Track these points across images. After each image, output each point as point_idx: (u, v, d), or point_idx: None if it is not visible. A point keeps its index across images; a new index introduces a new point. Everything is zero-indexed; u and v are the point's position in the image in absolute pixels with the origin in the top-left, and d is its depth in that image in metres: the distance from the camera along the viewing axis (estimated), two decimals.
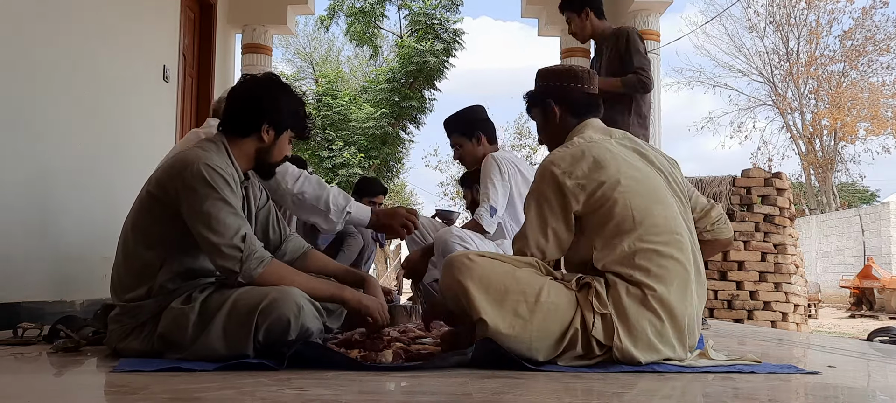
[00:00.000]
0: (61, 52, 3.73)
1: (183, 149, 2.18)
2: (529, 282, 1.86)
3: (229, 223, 1.91)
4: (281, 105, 2.10)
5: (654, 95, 6.65)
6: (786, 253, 6.44)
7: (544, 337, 1.82)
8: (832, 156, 23.51)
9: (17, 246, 3.34)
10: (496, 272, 1.86)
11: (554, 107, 2.16)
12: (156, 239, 1.99)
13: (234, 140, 2.09)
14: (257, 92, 2.12)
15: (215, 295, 1.94)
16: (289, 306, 1.84)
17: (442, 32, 15.30)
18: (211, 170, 1.93)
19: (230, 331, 1.85)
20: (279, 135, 2.11)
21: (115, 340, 2.00)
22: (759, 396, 1.58)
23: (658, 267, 1.85)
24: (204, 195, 1.91)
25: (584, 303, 1.84)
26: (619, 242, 1.88)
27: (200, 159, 1.95)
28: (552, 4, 7.15)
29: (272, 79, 2.17)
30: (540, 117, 2.22)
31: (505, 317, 1.81)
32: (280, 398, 1.41)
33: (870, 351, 2.90)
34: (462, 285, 1.83)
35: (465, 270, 1.85)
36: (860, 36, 22.85)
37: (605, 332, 1.82)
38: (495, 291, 1.83)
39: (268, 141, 2.10)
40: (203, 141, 2.11)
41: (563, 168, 1.96)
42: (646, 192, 1.95)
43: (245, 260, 1.90)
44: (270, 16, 7.01)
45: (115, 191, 4.13)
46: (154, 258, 1.98)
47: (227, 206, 1.92)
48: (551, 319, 1.82)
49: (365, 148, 14.61)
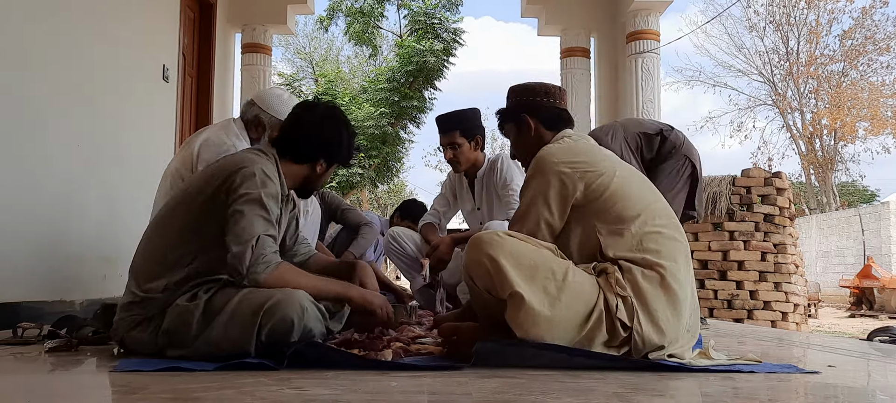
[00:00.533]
0: (61, 51, 3.73)
1: (237, 152, 2.26)
2: (556, 262, 1.88)
3: (255, 226, 1.94)
4: (342, 142, 2.21)
5: (654, 95, 6.68)
6: (786, 253, 6.44)
7: (570, 318, 1.82)
8: (832, 155, 23.52)
9: (17, 246, 3.34)
10: (526, 248, 1.88)
11: (528, 120, 2.21)
12: (196, 234, 2.01)
13: (287, 162, 2.17)
14: (321, 127, 2.20)
15: (220, 293, 1.95)
16: (293, 307, 1.85)
17: (442, 32, 15.29)
18: (264, 176, 2.01)
19: (233, 330, 1.86)
20: (329, 166, 2.23)
21: (123, 329, 2.01)
22: (759, 396, 1.58)
23: (665, 247, 1.91)
24: (250, 197, 1.96)
25: (606, 286, 1.86)
26: (626, 228, 1.92)
27: (257, 164, 2.03)
28: (552, 4, 7.22)
29: (336, 114, 2.26)
30: (513, 132, 2.27)
31: (536, 293, 1.81)
32: (280, 398, 1.41)
33: (870, 351, 2.90)
34: (494, 259, 1.83)
35: (496, 245, 1.85)
36: (860, 35, 22.87)
37: (627, 313, 1.84)
38: (526, 267, 1.83)
39: (320, 171, 2.22)
40: (258, 150, 2.16)
41: (560, 158, 2.00)
42: (639, 180, 2.05)
43: (253, 264, 1.91)
44: (270, 15, 7.02)
45: (114, 191, 4.13)
46: (187, 253, 2.00)
47: (263, 211, 1.97)
48: (577, 299, 1.83)
49: (365, 148, 14.60)
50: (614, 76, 7.11)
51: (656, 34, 6.74)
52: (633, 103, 6.64)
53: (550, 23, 7.22)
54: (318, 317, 1.95)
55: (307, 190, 2.28)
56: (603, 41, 7.22)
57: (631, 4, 6.63)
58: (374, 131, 14.53)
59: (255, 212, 1.95)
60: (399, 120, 15.23)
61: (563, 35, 7.25)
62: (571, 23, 7.19)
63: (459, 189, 3.77)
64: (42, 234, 3.58)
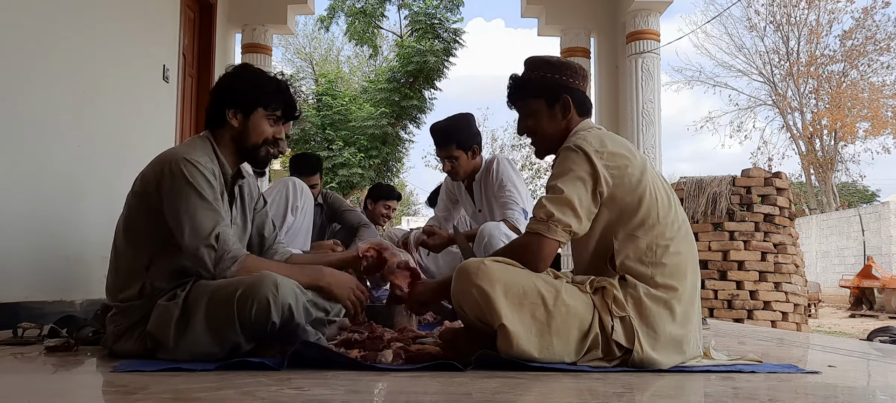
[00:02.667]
0: (61, 51, 3.73)
1: (167, 149, 2.18)
2: (545, 284, 1.83)
3: (205, 223, 1.91)
4: (238, 86, 2.09)
5: (653, 95, 6.68)
6: (786, 253, 6.44)
7: (564, 342, 1.79)
8: (832, 155, 23.50)
9: (18, 246, 3.34)
10: (514, 275, 1.82)
11: (569, 101, 2.02)
12: (143, 238, 2.00)
13: (216, 133, 2.11)
14: (220, 82, 2.14)
15: (195, 289, 1.93)
16: (266, 286, 1.82)
17: (442, 32, 15.28)
18: (189, 165, 1.94)
19: (212, 323, 1.85)
20: (248, 116, 2.09)
21: (111, 341, 2.01)
22: (759, 396, 1.57)
23: (675, 264, 1.86)
24: (182, 192, 1.92)
25: (601, 306, 1.82)
26: (643, 236, 1.86)
27: (179, 155, 1.97)
28: (552, 4, 7.22)
29: (236, 66, 2.18)
30: (542, 109, 2.03)
31: (523, 321, 1.77)
32: (280, 398, 1.41)
33: (870, 351, 2.90)
34: (482, 290, 1.78)
35: (484, 275, 1.79)
36: (860, 36, 22.85)
37: (625, 336, 1.80)
38: (514, 295, 1.79)
39: (238, 124, 2.09)
40: (190, 138, 2.13)
41: (596, 147, 1.87)
42: (664, 184, 1.96)
43: (218, 261, 1.91)
44: (270, 15, 7.01)
45: (114, 191, 4.11)
46: (143, 257, 1.99)
47: (204, 203, 1.93)
48: (570, 323, 1.79)
49: (365, 148, 14.60)
50: (614, 76, 7.10)
51: (656, 34, 6.74)
52: (634, 103, 6.64)
53: (550, 23, 7.22)
54: (296, 291, 1.89)
55: (251, 156, 2.12)
56: (603, 41, 7.22)
57: (631, 4, 6.63)
58: (374, 131, 14.52)
59: (197, 206, 1.91)
60: (399, 120, 15.22)
61: (563, 35, 7.25)
62: (571, 23, 7.19)
63: (459, 194, 3.76)
64: (42, 234, 3.57)
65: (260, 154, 2.13)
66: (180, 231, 1.91)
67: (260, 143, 2.11)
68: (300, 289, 1.93)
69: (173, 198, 1.93)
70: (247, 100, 2.08)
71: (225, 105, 2.08)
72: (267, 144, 2.12)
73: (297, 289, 1.91)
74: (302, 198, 3.74)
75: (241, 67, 2.18)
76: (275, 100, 2.11)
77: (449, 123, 3.43)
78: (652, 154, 6.64)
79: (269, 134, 2.12)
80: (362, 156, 14.45)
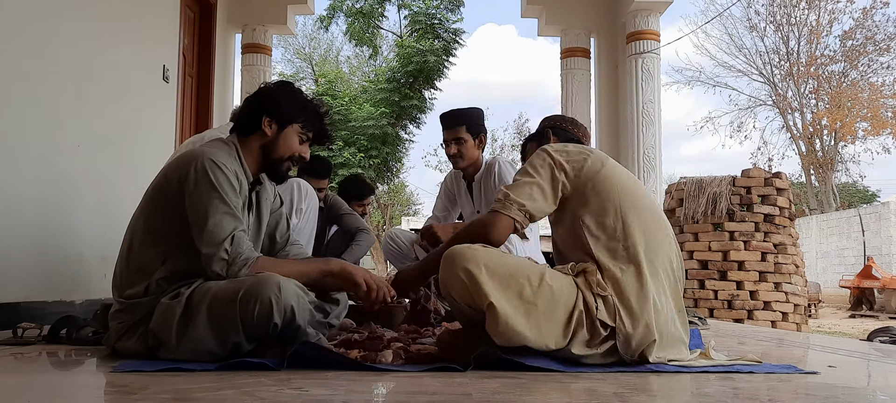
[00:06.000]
0: (61, 51, 3.73)
1: (192, 148, 2.20)
2: (530, 267, 1.91)
3: (223, 225, 1.93)
4: (281, 99, 2.13)
5: (654, 95, 6.69)
6: (786, 253, 6.44)
7: (552, 322, 1.83)
8: (832, 156, 23.50)
9: (17, 246, 3.34)
10: (499, 257, 1.90)
11: (550, 135, 2.41)
12: (159, 236, 2.00)
13: (243, 140, 2.13)
14: (261, 91, 2.18)
15: (198, 288, 1.94)
16: (269, 287, 1.83)
17: (442, 32, 15.29)
18: (214, 167, 1.96)
19: (215, 322, 1.85)
20: (282, 128, 2.13)
21: (114, 339, 2.01)
22: (759, 396, 1.58)
23: (647, 243, 1.95)
24: (204, 193, 1.94)
25: (585, 286, 1.88)
26: (608, 220, 1.96)
27: (205, 155, 1.98)
28: (552, 5, 7.22)
29: (279, 81, 2.22)
30: (534, 147, 2.37)
31: (511, 301, 1.82)
32: (280, 398, 1.41)
33: (870, 351, 2.90)
34: (469, 271, 1.83)
35: (469, 257, 1.85)
36: (860, 36, 22.86)
37: (608, 313, 1.86)
38: (500, 276, 1.84)
39: (271, 134, 2.12)
40: (214, 140, 2.14)
41: (556, 148, 2.11)
42: (627, 176, 2.11)
43: (231, 264, 1.92)
44: (270, 16, 7.02)
45: (114, 191, 4.13)
46: (156, 255, 1.99)
47: (224, 206, 1.95)
48: (555, 302, 1.84)
49: (365, 148, 14.60)
50: (614, 76, 7.11)
51: (656, 34, 6.75)
52: (634, 103, 6.65)
53: (551, 23, 7.23)
54: (298, 293, 1.90)
55: (275, 167, 2.16)
56: (603, 41, 7.22)
57: (631, 5, 6.64)
58: (374, 131, 14.52)
59: (218, 209, 1.93)
60: (399, 120, 15.22)
61: (563, 35, 7.26)
62: (571, 23, 7.20)
63: (458, 193, 3.77)
64: (42, 234, 3.58)
65: (283, 167, 2.17)
66: (198, 231, 1.93)
67: (286, 157, 2.16)
68: (303, 291, 1.93)
69: (195, 197, 1.94)
70: (286, 112, 2.12)
71: (263, 112, 2.12)
72: (291, 160, 2.17)
73: (300, 291, 1.91)
74: (306, 201, 3.74)
75: (286, 82, 2.23)
76: (312, 120, 2.17)
77: (460, 108, 3.50)
78: (652, 154, 6.65)
79: (296, 150, 2.16)
80: (362, 156, 14.45)
